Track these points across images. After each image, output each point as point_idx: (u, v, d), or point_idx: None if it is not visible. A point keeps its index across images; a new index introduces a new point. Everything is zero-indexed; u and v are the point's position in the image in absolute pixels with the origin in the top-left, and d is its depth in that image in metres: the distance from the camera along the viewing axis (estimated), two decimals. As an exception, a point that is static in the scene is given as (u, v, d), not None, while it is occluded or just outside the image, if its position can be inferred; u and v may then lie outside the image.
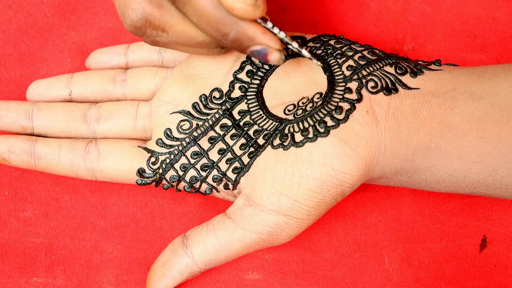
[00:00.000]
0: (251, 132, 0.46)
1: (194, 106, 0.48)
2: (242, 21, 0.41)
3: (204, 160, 0.47)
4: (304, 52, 0.46)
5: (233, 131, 0.47)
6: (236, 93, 0.48)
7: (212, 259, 0.45)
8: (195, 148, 0.47)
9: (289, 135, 0.44)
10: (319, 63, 0.46)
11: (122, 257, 0.50)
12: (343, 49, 0.47)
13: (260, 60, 0.44)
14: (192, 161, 0.47)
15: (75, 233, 0.51)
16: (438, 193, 0.51)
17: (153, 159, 0.48)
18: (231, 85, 0.48)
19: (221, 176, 0.46)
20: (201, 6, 0.40)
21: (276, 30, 0.44)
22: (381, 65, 0.46)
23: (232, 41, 0.42)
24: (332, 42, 0.48)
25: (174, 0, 0.41)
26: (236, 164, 0.46)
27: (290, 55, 0.48)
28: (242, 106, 0.47)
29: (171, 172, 0.47)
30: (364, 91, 0.44)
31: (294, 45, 0.45)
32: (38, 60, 0.55)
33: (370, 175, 0.44)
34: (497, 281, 0.49)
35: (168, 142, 0.48)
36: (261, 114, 0.47)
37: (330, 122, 0.43)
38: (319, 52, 0.48)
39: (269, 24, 0.43)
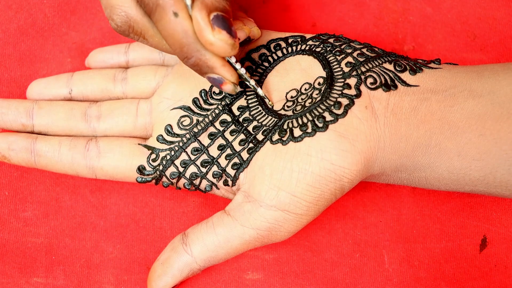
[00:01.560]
0: (250, 128, 0.46)
1: (194, 101, 0.48)
2: (205, 51, 0.42)
3: (204, 156, 0.47)
4: (259, 90, 0.47)
5: (233, 127, 0.47)
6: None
7: (211, 256, 0.45)
8: (196, 144, 0.47)
9: (288, 130, 0.44)
10: (271, 102, 0.47)
11: (122, 257, 0.50)
12: (342, 47, 0.47)
13: (214, 85, 0.45)
14: (193, 157, 0.47)
15: (75, 233, 0.51)
16: (438, 193, 0.51)
17: (153, 156, 0.48)
18: None
19: (221, 172, 0.46)
20: (170, 28, 0.41)
21: (237, 65, 0.45)
22: (380, 62, 0.46)
23: (192, 65, 0.43)
24: (331, 40, 0.48)
25: (149, 14, 0.42)
26: (236, 160, 0.46)
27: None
28: (242, 102, 0.48)
29: (172, 169, 0.47)
30: (363, 87, 0.44)
31: (252, 82, 0.46)
32: (38, 60, 0.55)
33: (370, 171, 0.44)
34: (497, 281, 0.49)
35: (168, 138, 0.48)
36: (260, 110, 0.47)
37: (329, 117, 0.43)
38: (318, 49, 0.48)
39: (233, 59, 0.45)
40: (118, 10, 0.44)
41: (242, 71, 0.46)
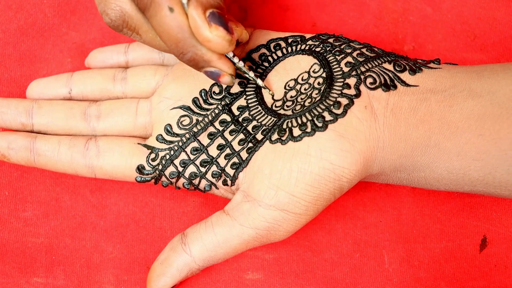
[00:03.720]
0: (249, 128, 0.46)
1: (194, 101, 0.48)
2: (201, 45, 0.42)
3: (203, 156, 0.47)
4: (259, 81, 0.47)
5: (232, 126, 0.47)
6: (236, 88, 0.48)
7: (210, 256, 0.45)
8: (195, 144, 0.47)
9: (287, 129, 0.44)
10: (271, 92, 0.48)
11: (122, 257, 0.50)
12: (342, 47, 0.47)
13: (211, 79, 0.46)
14: (192, 157, 0.47)
15: (75, 233, 0.51)
16: (438, 193, 0.51)
17: (153, 156, 0.48)
18: None
19: (220, 171, 0.46)
20: (165, 23, 0.41)
21: (235, 59, 0.46)
22: (380, 62, 0.46)
23: (188, 60, 0.44)
24: (331, 40, 0.48)
25: (144, 10, 0.42)
26: (235, 159, 0.46)
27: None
28: (241, 101, 0.48)
29: (171, 168, 0.47)
30: (362, 87, 0.44)
31: (251, 74, 0.47)
32: (38, 60, 0.55)
33: (369, 170, 0.44)
34: (497, 281, 0.49)
35: (168, 138, 0.48)
36: (259, 110, 0.47)
37: (328, 117, 0.43)
38: (317, 49, 0.48)
39: (230, 54, 0.45)
40: (113, 5, 0.44)
41: (240, 64, 0.46)
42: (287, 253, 0.50)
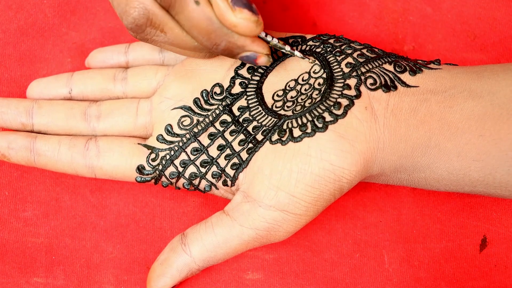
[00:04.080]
0: (250, 128, 0.46)
1: (195, 101, 0.48)
2: (233, 32, 0.42)
3: (203, 156, 0.47)
4: (297, 53, 0.48)
5: (233, 127, 0.47)
6: (237, 89, 0.48)
7: (210, 256, 0.45)
8: (195, 144, 0.47)
9: (287, 130, 0.44)
10: (311, 59, 0.48)
11: (122, 257, 0.50)
12: (342, 47, 0.47)
13: (248, 63, 0.46)
14: (192, 157, 0.47)
15: (75, 233, 0.51)
16: (438, 193, 0.51)
17: (153, 156, 0.48)
18: (232, 80, 0.48)
19: (220, 172, 0.46)
20: (194, 17, 0.41)
21: (269, 38, 0.46)
22: (380, 63, 0.46)
23: (223, 50, 0.44)
24: (331, 41, 0.48)
25: (168, 8, 0.42)
26: (235, 160, 0.46)
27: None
28: (242, 102, 0.48)
29: (171, 169, 0.47)
30: (363, 88, 0.44)
31: (287, 48, 0.47)
32: (38, 60, 0.55)
33: (369, 171, 0.44)
34: (497, 281, 0.49)
35: (168, 138, 0.48)
36: (260, 111, 0.47)
37: (328, 118, 0.43)
38: (318, 50, 0.48)
39: (262, 34, 0.45)
40: (136, 3, 0.43)
41: (275, 41, 0.46)
42: (287, 253, 0.50)
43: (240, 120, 0.47)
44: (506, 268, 0.49)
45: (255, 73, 0.49)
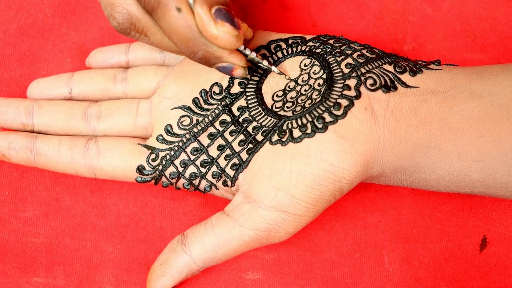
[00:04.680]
0: (250, 129, 0.46)
1: (194, 101, 0.48)
2: (211, 43, 0.43)
3: (203, 156, 0.47)
4: (274, 68, 0.48)
5: (232, 127, 0.47)
6: (236, 88, 0.48)
7: (210, 257, 0.45)
8: (195, 144, 0.47)
9: (287, 131, 0.44)
10: (287, 76, 0.48)
11: (122, 257, 0.50)
12: (342, 48, 0.47)
13: (224, 73, 0.46)
14: (192, 157, 0.47)
15: (75, 233, 0.51)
16: (438, 193, 0.51)
17: (153, 156, 0.48)
18: (231, 80, 0.48)
19: (220, 172, 0.46)
20: (175, 23, 0.42)
21: (247, 51, 0.46)
22: (380, 63, 0.46)
23: (199, 59, 0.44)
24: (331, 41, 0.48)
25: (151, 12, 0.42)
26: (235, 160, 0.46)
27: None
28: (241, 102, 0.48)
29: (171, 169, 0.47)
30: (362, 88, 0.44)
31: (265, 63, 0.47)
32: (38, 60, 0.55)
33: (369, 172, 0.44)
34: (497, 281, 0.49)
35: (168, 138, 0.48)
36: (260, 111, 0.47)
37: (328, 118, 0.43)
38: (318, 50, 0.48)
39: (241, 47, 0.46)
40: (120, 8, 0.44)
41: (253, 55, 0.46)
42: (287, 253, 0.50)
43: (240, 120, 0.47)
44: (506, 268, 0.49)
45: (255, 73, 0.49)
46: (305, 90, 0.46)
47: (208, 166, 0.47)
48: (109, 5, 0.44)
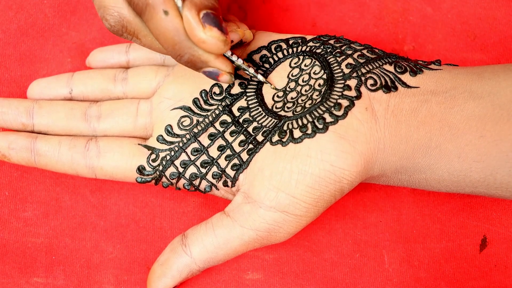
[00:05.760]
0: (250, 129, 0.46)
1: (194, 101, 0.48)
2: (198, 47, 0.43)
3: (204, 157, 0.47)
4: (260, 76, 0.48)
5: (233, 127, 0.47)
6: (236, 89, 0.48)
7: (210, 257, 0.45)
8: (195, 145, 0.47)
9: (287, 131, 0.44)
10: (273, 85, 0.48)
11: (122, 257, 0.50)
12: (343, 48, 0.47)
13: (210, 79, 0.46)
14: (192, 157, 0.47)
15: (75, 233, 0.51)
16: (438, 193, 0.51)
17: (153, 156, 0.48)
18: None
19: (220, 172, 0.46)
20: (162, 26, 0.41)
21: (234, 57, 0.46)
22: (381, 64, 0.46)
23: (185, 62, 0.44)
24: (331, 41, 0.48)
25: (140, 15, 0.42)
26: (235, 160, 0.46)
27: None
28: (242, 102, 0.48)
29: (171, 169, 0.47)
30: (363, 89, 0.44)
31: (251, 71, 0.47)
32: (39, 60, 0.55)
33: (370, 172, 0.44)
34: (497, 281, 0.49)
35: (168, 138, 0.48)
36: (260, 111, 0.47)
37: (328, 119, 0.43)
38: (318, 51, 0.48)
39: (228, 52, 0.45)
40: (111, 11, 0.44)
41: (239, 61, 0.46)
42: (287, 253, 0.50)
43: (240, 120, 0.47)
44: (506, 268, 0.49)
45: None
46: (305, 91, 0.46)
47: (208, 167, 0.47)
48: (101, 7, 0.44)
